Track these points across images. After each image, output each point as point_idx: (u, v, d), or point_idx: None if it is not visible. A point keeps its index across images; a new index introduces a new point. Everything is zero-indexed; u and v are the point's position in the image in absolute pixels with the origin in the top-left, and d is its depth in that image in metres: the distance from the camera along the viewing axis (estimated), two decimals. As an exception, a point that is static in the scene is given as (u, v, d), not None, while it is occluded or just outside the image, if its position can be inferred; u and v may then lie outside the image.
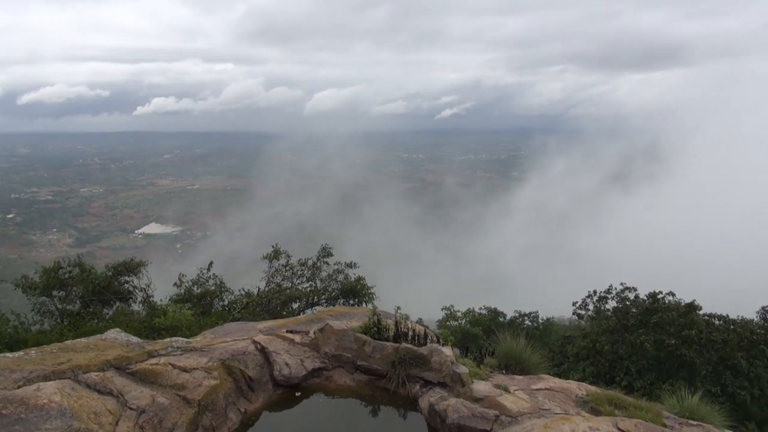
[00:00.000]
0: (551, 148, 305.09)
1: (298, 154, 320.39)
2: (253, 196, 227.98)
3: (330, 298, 19.67)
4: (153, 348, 7.58)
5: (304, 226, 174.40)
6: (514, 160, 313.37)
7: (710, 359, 19.76)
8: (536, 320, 34.19)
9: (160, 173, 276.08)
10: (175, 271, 20.39)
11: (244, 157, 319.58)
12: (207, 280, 19.75)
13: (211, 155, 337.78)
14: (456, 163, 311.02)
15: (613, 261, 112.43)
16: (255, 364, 7.86)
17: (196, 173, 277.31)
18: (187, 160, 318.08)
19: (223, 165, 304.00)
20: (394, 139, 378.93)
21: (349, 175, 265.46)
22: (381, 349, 8.15)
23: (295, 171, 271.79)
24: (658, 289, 23.54)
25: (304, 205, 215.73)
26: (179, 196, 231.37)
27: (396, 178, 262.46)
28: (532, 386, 7.86)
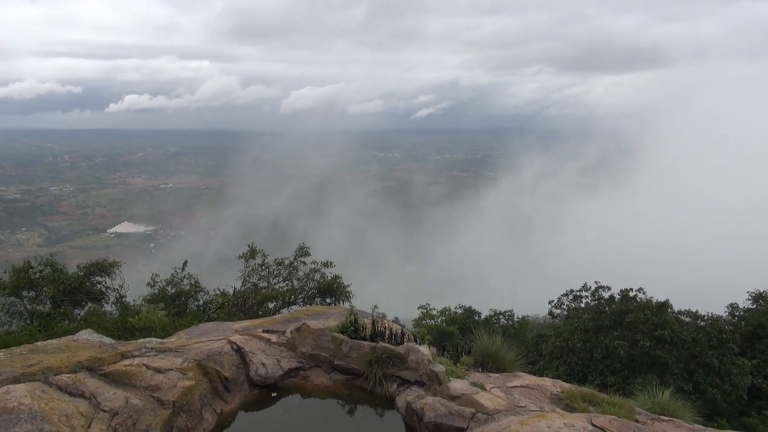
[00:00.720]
0: (525, 148, 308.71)
1: (273, 153, 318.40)
2: (227, 195, 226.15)
3: (307, 297, 19.59)
4: (126, 349, 7.46)
5: (280, 226, 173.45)
6: (489, 160, 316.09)
7: (681, 357, 20.19)
8: (511, 319, 34.52)
9: (133, 172, 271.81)
10: (148, 270, 20.09)
11: (219, 156, 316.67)
12: (181, 280, 19.50)
13: (186, 153, 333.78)
14: (431, 163, 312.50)
15: (582, 260, 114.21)
16: (231, 365, 7.78)
17: (170, 172, 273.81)
18: (160, 159, 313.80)
19: (197, 163, 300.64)
20: (371, 138, 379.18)
21: (325, 173, 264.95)
22: (358, 348, 8.14)
23: (271, 169, 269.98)
24: (627, 287, 24.00)
25: (280, 204, 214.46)
26: (152, 194, 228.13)
27: (372, 177, 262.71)
28: (508, 384, 7.92)
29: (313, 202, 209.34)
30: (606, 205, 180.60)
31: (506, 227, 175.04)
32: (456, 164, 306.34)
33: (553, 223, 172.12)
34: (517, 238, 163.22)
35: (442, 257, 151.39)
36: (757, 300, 27.97)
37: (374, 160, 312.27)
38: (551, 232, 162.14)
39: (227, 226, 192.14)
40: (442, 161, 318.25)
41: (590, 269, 29.63)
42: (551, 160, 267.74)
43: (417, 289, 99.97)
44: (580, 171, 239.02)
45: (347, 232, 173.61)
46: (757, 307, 27.51)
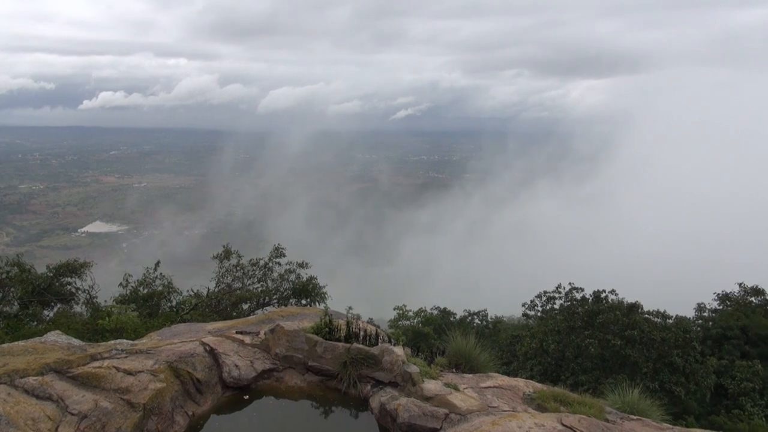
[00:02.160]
0: (502, 150, 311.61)
1: (249, 153, 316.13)
2: (202, 194, 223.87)
3: (281, 298, 19.48)
4: (96, 351, 7.35)
5: (255, 226, 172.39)
6: (467, 162, 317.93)
7: (650, 357, 20.59)
8: (486, 319, 34.78)
9: (105, 170, 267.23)
10: (120, 271, 19.75)
11: (194, 155, 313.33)
12: (154, 281, 19.20)
13: (160, 152, 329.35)
14: (409, 164, 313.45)
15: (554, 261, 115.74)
16: (203, 366, 7.72)
17: (144, 170, 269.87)
18: (134, 157, 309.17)
19: (172, 162, 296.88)
20: (349, 139, 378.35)
21: (302, 174, 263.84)
22: (332, 349, 8.14)
23: (246, 169, 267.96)
24: (599, 288, 24.42)
25: (255, 204, 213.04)
26: (125, 193, 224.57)
27: (349, 178, 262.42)
28: (481, 384, 8.00)
29: (289, 203, 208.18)
30: (579, 207, 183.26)
31: (479, 229, 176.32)
32: (433, 166, 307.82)
33: (526, 224, 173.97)
34: (490, 240, 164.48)
35: (418, 257, 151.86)
36: (723, 300, 28.65)
37: (352, 160, 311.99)
38: (524, 234, 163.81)
39: (202, 226, 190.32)
40: (419, 162, 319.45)
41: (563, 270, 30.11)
42: (527, 162, 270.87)
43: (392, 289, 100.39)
44: (554, 173, 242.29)
45: (323, 233, 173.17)
46: (723, 308, 28.17)
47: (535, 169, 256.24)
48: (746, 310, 27.03)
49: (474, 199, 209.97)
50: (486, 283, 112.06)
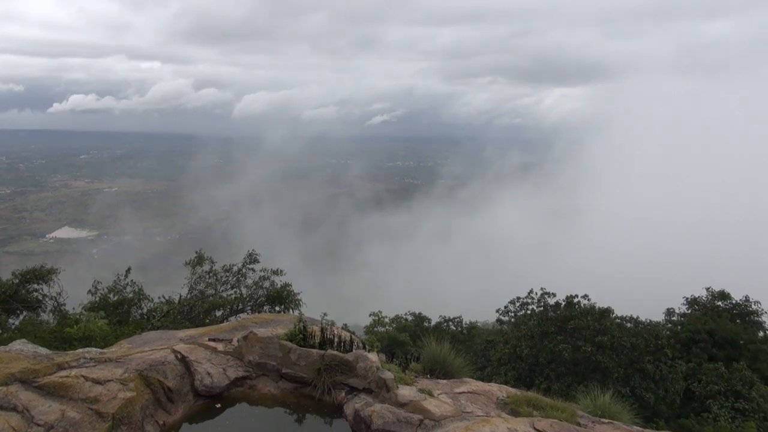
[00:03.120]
0: (476, 156, 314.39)
1: (222, 157, 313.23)
2: (175, 199, 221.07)
3: (255, 305, 19.29)
4: (63, 359, 7.19)
5: (228, 232, 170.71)
6: (441, 168, 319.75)
7: (621, 363, 20.92)
8: (460, 325, 34.97)
9: (75, 174, 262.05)
10: (90, 277, 19.34)
11: (166, 159, 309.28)
12: (124, 287, 18.86)
13: (132, 156, 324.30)
14: (384, 170, 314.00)
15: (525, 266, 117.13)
16: (175, 375, 7.60)
17: (115, 175, 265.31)
18: (105, 161, 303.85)
19: (143, 167, 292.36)
20: (324, 144, 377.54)
21: (275, 179, 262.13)
22: (306, 356, 8.10)
23: (219, 175, 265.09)
24: (571, 293, 24.75)
25: (229, 210, 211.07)
26: (95, 198, 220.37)
27: (324, 184, 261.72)
28: (455, 390, 8.04)
29: (263, 209, 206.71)
30: (549, 213, 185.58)
31: (452, 234, 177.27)
32: (408, 171, 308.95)
33: (497, 230, 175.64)
34: (462, 244, 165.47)
35: (393, 263, 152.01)
36: (692, 305, 29.27)
37: (327, 166, 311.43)
38: (495, 240, 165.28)
39: (174, 231, 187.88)
40: (394, 168, 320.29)
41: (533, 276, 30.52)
42: (499, 168, 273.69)
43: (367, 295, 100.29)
44: (526, 179, 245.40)
45: (296, 239, 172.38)
46: (692, 312, 28.79)
47: (507, 174, 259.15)
48: (713, 314, 27.67)
49: (446, 205, 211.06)
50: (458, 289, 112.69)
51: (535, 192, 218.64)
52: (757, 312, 27.69)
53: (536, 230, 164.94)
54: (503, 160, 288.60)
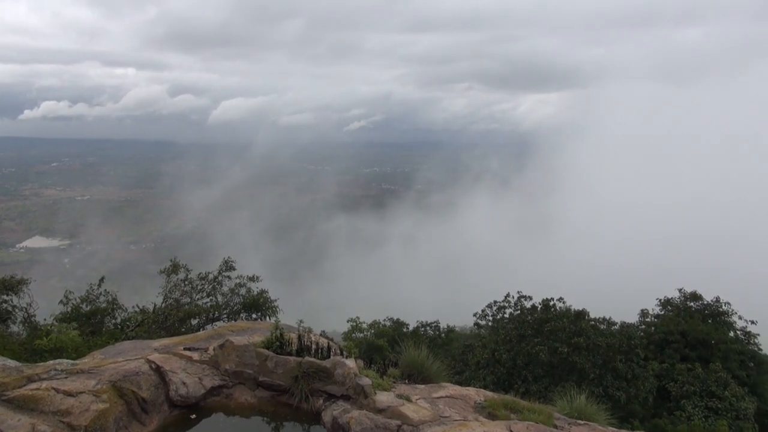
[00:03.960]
0: (453, 161, 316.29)
1: (199, 164, 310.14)
2: (149, 207, 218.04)
3: (232, 312, 19.10)
4: (33, 372, 7.03)
5: (204, 239, 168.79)
6: (418, 173, 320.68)
7: (596, 363, 21.19)
8: (438, 330, 35.04)
9: (46, 182, 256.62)
10: (62, 288, 18.95)
11: (141, 167, 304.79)
12: (98, 297, 18.51)
13: (105, 164, 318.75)
14: (362, 175, 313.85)
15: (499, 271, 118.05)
16: (149, 385, 7.48)
17: (88, 183, 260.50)
18: (77, 169, 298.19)
19: (117, 174, 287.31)
20: (301, 150, 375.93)
21: (252, 186, 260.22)
22: (283, 363, 8.04)
23: (194, 182, 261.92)
24: (548, 296, 25.02)
25: (204, 217, 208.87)
26: (68, 207, 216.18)
27: (300, 190, 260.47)
28: (433, 394, 8.06)
29: (239, 216, 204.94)
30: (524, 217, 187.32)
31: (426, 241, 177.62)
32: (386, 177, 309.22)
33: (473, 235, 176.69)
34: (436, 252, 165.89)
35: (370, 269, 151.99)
36: (665, 306, 29.78)
37: (304, 172, 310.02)
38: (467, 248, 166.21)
39: (148, 240, 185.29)
40: (372, 174, 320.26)
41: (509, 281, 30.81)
42: (476, 172, 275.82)
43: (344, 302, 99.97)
44: (501, 182, 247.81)
45: (273, 246, 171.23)
46: (665, 313, 29.29)
47: (481, 181, 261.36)
48: (686, 314, 28.19)
49: (421, 211, 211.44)
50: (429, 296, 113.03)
51: (507, 199, 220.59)
52: (728, 312, 28.30)
53: (505, 239, 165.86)
54: (479, 166, 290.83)
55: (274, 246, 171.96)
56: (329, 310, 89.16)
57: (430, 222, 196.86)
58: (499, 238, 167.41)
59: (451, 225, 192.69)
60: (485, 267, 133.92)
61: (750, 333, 27.67)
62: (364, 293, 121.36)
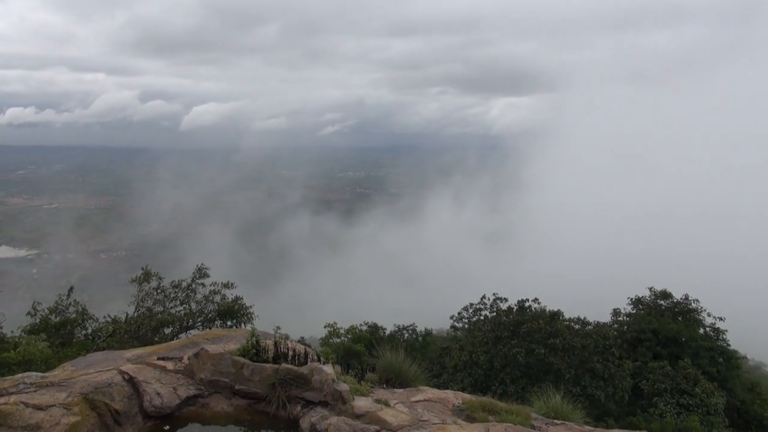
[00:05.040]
0: (426, 165, 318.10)
1: (170, 171, 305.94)
2: (119, 215, 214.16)
3: (206, 320, 18.83)
4: (1, 386, 6.84)
5: (176, 247, 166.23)
6: (391, 177, 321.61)
7: (572, 363, 21.46)
8: (415, 333, 35.09)
9: (12, 191, 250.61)
10: (30, 298, 18.50)
11: (111, 174, 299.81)
12: (67, 308, 18.07)
13: (73, 171, 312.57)
14: (335, 180, 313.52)
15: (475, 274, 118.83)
16: (122, 396, 7.33)
17: (55, 191, 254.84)
18: (44, 177, 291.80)
19: (86, 182, 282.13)
20: (274, 155, 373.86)
21: (224, 192, 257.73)
22: (260, 371, 7.96)
23: (166, 188, 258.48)
24: (523, 298, 25.29)
25: (175, 224, 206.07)
26: (35, 215, 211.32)
27: (273, 195, 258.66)
28: (411, 398, 8.05)
29: (211, 222, 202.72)
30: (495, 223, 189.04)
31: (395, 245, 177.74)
32: (359, 181, 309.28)
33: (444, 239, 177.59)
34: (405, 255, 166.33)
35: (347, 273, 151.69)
36: (636, 304, 30.31)
37: (277, 177, 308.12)
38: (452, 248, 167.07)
39: (119, 248, 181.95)
40: (345, 178, 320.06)
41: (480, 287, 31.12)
42: (447, 176, 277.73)
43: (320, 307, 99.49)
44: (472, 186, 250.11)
45: (246, 252, 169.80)
46: (636, 312, 29.81)
47: (452, 183, 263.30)
48: (656, 313, 28.73)
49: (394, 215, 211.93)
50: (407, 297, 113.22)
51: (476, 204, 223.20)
52: (697, 310, 28.93)
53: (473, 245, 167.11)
54: (449, 171, 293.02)
55: (246, 252, 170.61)
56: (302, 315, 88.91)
57: (400, 227, 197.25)
58: (465, 244, 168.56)
59: (420, 230, 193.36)
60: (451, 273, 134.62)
61: (719, 329, 28.34)
62: (334, 297, 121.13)
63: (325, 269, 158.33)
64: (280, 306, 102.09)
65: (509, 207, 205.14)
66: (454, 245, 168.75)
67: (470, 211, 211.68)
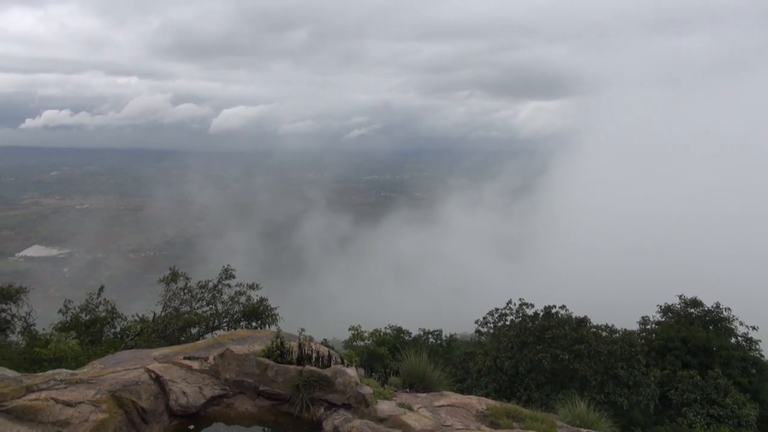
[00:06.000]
0: (452, 169, 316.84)
1: (199, 173, 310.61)
2: (148, 216, 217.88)
3: (232, 321, 19.02)
4: (32, 382, 6.98)
5: (203, 248, 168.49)
6: (417, 181, 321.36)
7: (597, 370, 21.12)
8: (439, 337, 34.90)
9: (46, 191, 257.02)
10: (61, 297, 18.91)
11: (140, 176, 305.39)
12: (97, 306, 18.44)
13: (105, 173, 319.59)
14: (361, 183, 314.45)
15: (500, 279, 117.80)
16: (149, 395, 7.43)
17: (87, 191, 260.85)
18: (77, 178, 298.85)
19: (117, 183, 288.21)
20: (301, 159, 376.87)
21: (251, 194, 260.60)
22: (284, 372, 8.00)
23: (194, 190, 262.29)
24: (549, 304, 24.98)
25: (203, 225, 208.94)
26: (67, 215, 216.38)
27: (299, 198, 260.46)
28: (434, 403, 8.01)
29: (238, 224, 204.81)
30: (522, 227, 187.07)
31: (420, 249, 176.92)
32: (384, 185, 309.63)
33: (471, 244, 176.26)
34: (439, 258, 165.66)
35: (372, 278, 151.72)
36: (666, 312, 29.68)
37: (303, 181, 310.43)
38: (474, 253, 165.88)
39: (148, 248, 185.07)
40: (371, 182, 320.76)
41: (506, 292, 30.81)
42: (473, 180, 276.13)
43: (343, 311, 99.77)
44: (498, 190, 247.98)
45: (272, 255, 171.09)
46: (666, 320, 29.20)
47: (478, 186, 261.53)
48: (686, 321, 28.09)
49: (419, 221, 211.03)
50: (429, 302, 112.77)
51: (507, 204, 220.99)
52: (729, 318, 28.19)
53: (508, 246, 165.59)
54: (478, 172, 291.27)
55: (272, 255, 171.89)
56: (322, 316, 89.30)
57: (423, 231, 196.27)
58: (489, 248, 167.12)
59: (444, 234, 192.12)
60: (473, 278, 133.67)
61: (752, 339, 27.56)
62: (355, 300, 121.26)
63: (348, 272, 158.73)
64: (301, 307, 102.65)
65: (535, 211, 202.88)
66: (478, 250, 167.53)
67: (495, 215, 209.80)
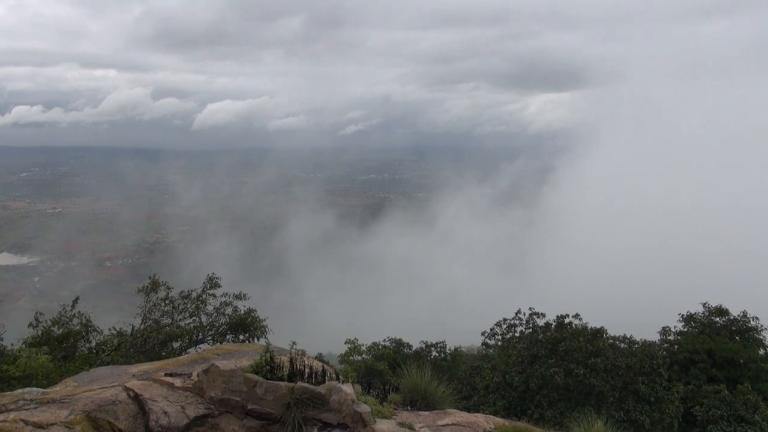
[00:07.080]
0: (456, 167, 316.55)
1: (180, 173, 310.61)
2: (126, 220, 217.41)
3: (217, 334, 19.00)
4: (0, 402, 6.97)
5: (185, 254, 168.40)
6: (417, 180, 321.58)
7: (615, 385, 21.09)
8: (443, 351, 34.95)
9: (14, 194, 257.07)
10: (31, 309, 18.91)
11: (117, 176, 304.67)
12: (71, 319, 18.41)
13: (78, 174, 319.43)
14: (357, 183, 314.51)
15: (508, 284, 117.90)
16: (127, 415, 7.42)
17: (59, 194, 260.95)
18: (48, 180, 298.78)
19: (91, 185, 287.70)
20: (292, 157, 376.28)
21: (236, 196, 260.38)
22: (274, 389, 7.98)
23: (175, 192, 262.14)
24: (562, 313, 24.95)
25: (185, 230, 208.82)
26: (37, 220, 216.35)
27: (289, 200, 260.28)
28: (438, 422, 8.00)
29: (223, 228, 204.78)
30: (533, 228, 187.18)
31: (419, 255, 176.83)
32: (383, 185, 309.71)
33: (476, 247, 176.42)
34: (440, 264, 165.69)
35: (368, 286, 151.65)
36: (688, 322, 29.66)
37: (295, 180, 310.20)
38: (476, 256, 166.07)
39: (125, 255, 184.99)
40: (368, 182, 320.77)
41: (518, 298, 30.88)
42: (479, 179, 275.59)
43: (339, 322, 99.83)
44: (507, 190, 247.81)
45: (259, 262, 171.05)
46: (688, 330, 29.17)
47: (486, 186, 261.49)
48: (711, 331, 28.07)
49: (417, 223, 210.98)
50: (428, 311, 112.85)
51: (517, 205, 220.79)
52: (756, 328, 28.18)
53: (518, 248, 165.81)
54: (484, 170, 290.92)
55: (259, 261, 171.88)
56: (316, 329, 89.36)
57: (424, 235, 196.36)
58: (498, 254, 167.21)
59: (447, 238, 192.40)
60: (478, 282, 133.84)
61: (782, 350, 27.60)
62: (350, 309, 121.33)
63: (341, 281, 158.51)
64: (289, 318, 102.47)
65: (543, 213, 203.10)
66: (482, 255, 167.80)
67: (500, 217, 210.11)
